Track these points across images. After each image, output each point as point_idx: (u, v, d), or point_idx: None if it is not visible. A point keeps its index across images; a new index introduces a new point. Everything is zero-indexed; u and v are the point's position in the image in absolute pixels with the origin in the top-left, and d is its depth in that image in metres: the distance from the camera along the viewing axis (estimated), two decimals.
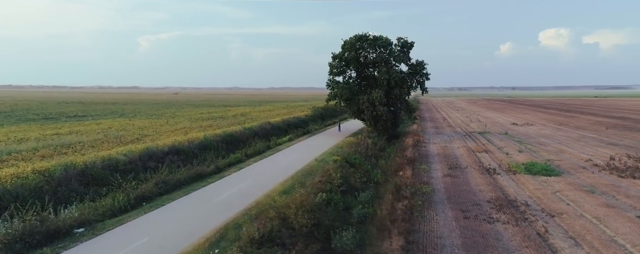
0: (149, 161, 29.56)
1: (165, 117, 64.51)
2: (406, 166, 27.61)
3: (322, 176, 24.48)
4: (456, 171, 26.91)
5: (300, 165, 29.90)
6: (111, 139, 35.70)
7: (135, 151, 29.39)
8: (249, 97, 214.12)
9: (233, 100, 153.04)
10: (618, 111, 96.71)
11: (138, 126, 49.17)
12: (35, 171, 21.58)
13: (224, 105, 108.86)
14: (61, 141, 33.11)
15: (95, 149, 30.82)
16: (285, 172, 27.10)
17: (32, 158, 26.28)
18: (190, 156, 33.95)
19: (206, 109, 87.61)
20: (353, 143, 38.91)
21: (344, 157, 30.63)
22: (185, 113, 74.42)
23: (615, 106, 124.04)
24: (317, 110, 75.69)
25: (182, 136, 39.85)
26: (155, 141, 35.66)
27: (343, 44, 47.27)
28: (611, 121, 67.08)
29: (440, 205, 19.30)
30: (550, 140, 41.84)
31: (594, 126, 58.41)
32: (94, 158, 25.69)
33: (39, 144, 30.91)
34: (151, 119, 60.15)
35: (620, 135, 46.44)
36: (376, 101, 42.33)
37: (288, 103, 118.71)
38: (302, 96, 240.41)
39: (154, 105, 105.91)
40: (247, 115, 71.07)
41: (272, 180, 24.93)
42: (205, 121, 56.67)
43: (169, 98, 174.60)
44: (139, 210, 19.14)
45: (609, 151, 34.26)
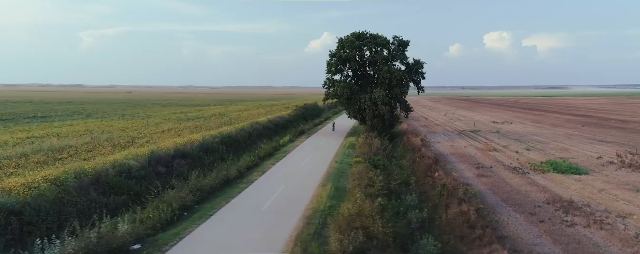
0: (158, 166, 27.20)
1: (139, 117, 60.27)
2: (434, 166, 27.04)
3: (360, 179, 23.31)
4: (485, 171, 26.69)
5: (322, 167, 28.51)
6: (102, 143, 32.33)
7: (140, 155, 26.78)
8: (214, 96, 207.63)
9: (199, 99, 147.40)
10: (575, 109, 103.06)
11: (118, 127, 45.31)
12: (46, 179, 18.86)
13: (193, 105, 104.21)
14: (46, 146, 29.42)
15: (92, 153, 27.68)
16: (314, 176, 25.64)
17: (28, 165, 23.03)
18: (196, 159, 31.63)
19: (177, 109, 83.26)
20: (359, 144, 37.98)
21: (365, 159, 29.65)
22: (159, 113, 70.12)
23: (568, 105, 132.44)
24: (298, 109, 74.10)
25: (177, 138, 37.09)
26: (152, 144, 32.83)
27: (339, 42, 46.30)
28: (578, 119, 71.05)
29: (501, 208, 18.76)
30: (543, 138, 43.19)
31: (568, 124, 61.45)
32: (103, 164, 23.01)
33: (25, 150, 27.23)
34: (126, 120, 55.86)
35: (599, 132, 48.99)
36: (379, 100, 41.68)
37: (260, 103, 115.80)
38: (267, 95, 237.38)
39: (116, 105, 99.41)
40: (226, 115, 68.13)
41: (307, 184, 23.41)
42: (188, 122, 53.45)
43: (127, 98, 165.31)
44: (186, 222, 17.04)
45: (605, 148, 35.75)
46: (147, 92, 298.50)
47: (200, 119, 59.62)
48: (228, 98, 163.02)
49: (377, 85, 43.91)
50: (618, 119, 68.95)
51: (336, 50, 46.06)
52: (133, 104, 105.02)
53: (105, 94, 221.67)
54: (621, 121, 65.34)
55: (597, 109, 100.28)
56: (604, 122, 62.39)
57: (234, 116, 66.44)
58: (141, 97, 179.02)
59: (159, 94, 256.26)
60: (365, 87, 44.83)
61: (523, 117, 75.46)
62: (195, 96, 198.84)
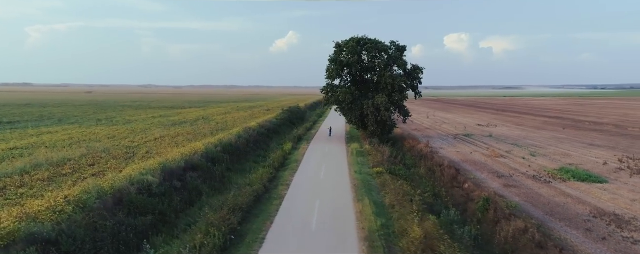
0: (172, 180, 25.53)
1: (118, 122, 56.77)
2: (459, 176, 26.90)
3: (396, 193, 22.69)
4: (508, 180, 26.79)
5: (343, 178, 27.65)
6: (100, 154, 29.83)
7: (152, 169, 24.99)
8: (182, 96, 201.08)
9: (170, 100, 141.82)
10: (542, 110, 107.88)
11: (103, 135, 42.30)
12: (67, 201, 17.10)
13: (167, 107, 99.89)
14: (41, 159, 26.68)
15: (96, 168, 25.44)
16: (341, 188, 24.75)
17: (33, 183, 20.85)
18: (205, 171, 30.02)
19: (154, 112, 79.44)
20: (367, 151, 37.43)
21: (386, 169, 29.13)
22: (136, 117, 66.47)
23: (531, 105, 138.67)
24: (284, 112, 72.72)
25: (176, 147, 35.13)
26: (154, 154, 30.79)
27: (336, 46, 45.66)
28: (552, 120, 74.24)
29: (551, 223, 18.66)
30: (536, 142, 44.44)
31: (548, 125, 63.92)
32: (120, 181, 21.23)
33: (20, 164, 24.53)
34: (106, 125, 52.39)
35: (582, 135, 51.15)
36: (381, 105, 41.33)
37: (237, 104, 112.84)
38: (237, 95, 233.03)
39: (82, 107, 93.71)
40: (209, 118, 65.67)
41: (341, 198, 22.48)
42: (176, 127, 50.88)
43: (89, 98, 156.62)
44: (240, 248, 15.71)
45: (601, 152, 37.17)
46: (107, 92, 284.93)
47: (184, 123, 57.03)
48: (200, 99, 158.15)
49: (378, 90, 43.58)
50: (589, 120, 72.59)
51: (334, 55, 45.40)
52: (100, 105, 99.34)
53: (61, 94, 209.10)
54: (593, 122, 68.81)
55: (562, 110, 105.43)
56: (579, 124, 65.42)
57: (218, 119, 64.16)
58: (103, 97, 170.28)
59: (120, 93, 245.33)
60: (366, 92, 44.37)
61: (501, 118, 77.85)
62: (164, 96, 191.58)
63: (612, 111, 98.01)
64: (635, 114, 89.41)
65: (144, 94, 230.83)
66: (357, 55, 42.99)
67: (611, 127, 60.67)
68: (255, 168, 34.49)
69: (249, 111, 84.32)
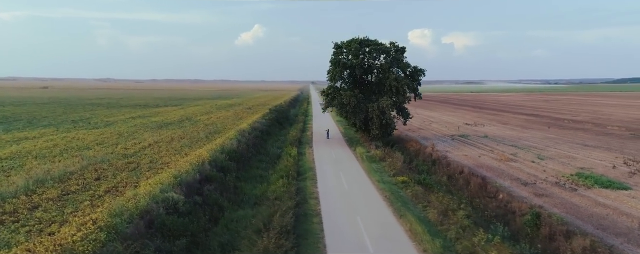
0: (193, 195, 23.71)
1: (97, 124, 52.92)
2: (487, 185, 26.44)
3: (437, 208, 21.82)
4: (535, 188, 26.54)
5: (368, 189, 26.55)
6: (100, 166, 27.13)
7: (166, 182, 23.10)
8: (150, 92, 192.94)
9: (138, 97, 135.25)
10: (514, 107, 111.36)
11: (90, 140, 39.01)
12: (99, 226, 15.30)
13: (140, 105, 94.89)
14: (40, 173, 23.77)
15: (104, 182, 23.01)
16: (373, 201, 23.67)
17: (45, 205, 18.58)
18: (219, 182, 28.16)
19: (129, 111, 75.09)
20: (379, 156, 36.44)
21: (410, 178, 28.32)
22: (113, 117, 62.39)
23: (501, 101, 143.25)
24: (272, 113, 70.71)
25: (177, 155, 32.92)
26: (159, 164, 28.53)
27: (336, 46, 44.55)
28: (532, 118, 76.47)
29: (609, 239, 18.33)
30: (533, 143, 45.10)
31: (532, 124, 65.60)
32: (144, 199, 19.35)
33: (20, 181, 21.72)
34: (85, 129, 48.57)
35: (570, 135, 52.64)
36: (386, 108, 40.55)
37: (215, 102, 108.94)
38: (210, 92, 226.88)
39: (45, 105, 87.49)
40: (193, 119, 62.69)
41: (379, 214, 21.40)
42: (163, 131, 47.94)
43: (51, 95, 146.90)
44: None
45: (602, 154, 38.06)
46: (65, 87, 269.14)
47: (170, 125, 54.03)
48: (171, 95, 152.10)
49: (381, 92, 42.83)
50: (566, 118, 75.32)
51: (334, 56, 44.29)
52: (66, 104, 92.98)
53: (15, 90, 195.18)
54: (571, 120, 71.39)
55: (534, 107, 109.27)
56: (560, 123, 67.61)
57: (204, 120, 61.36)
58: (64, 93, 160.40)
59: (80, 89, 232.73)
60: (369, 95, 43.42)
61: (484, 117, 79.37)
62: (130, 93, 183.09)
63: (580, 108, 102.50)
64: (602, 110, 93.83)
65: (107, 90, 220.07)
66: (360, 56, 41.90)
67: (591, 126, 62.99)
68: (266, 177, 32.84)
69: (230, 110, 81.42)
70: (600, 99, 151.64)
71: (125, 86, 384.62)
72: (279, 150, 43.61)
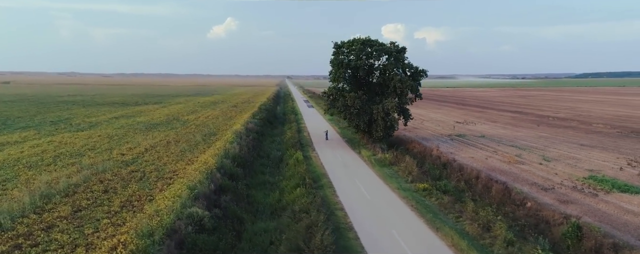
0: (213, 208, 22.44)
1: (80, 126, 49.81)
2: (511, 192, 26.05)
3: (472, 219, 21.20)
4: (555, 194, 26.32)
5: (391, 197, 25.69)
6: (104, 176, 25.05)
7: (183, 195, 21.69)
8: (123, 88, 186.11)
9: (113, 94, 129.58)
10: (496, 103, 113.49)
11: (79, 145, 36.46)
12: (129, 250, 13.92)
13: (117, 102, 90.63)
14: (42, 187, 21.55)
15: (114, 196, 21.17)
16: (402, 212, 22.79)
17: (60, 224, 16.83)
18: (235, 193, 26.78)
19: (109, 111, 71.50)
20: (386, 160, 35.62)
21: (431, 185, 27.68)
22: (95, 118, 59.03)
23: (477, 97, 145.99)
24: (262, 112, 68.93)
25: (180, 161, 31.19)
26: (166, 173, 26.78)
27: (336, 46, 43.54)
28: (517, 115, 77.85)
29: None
30: (531, 142, 45.45)
31: (520, 122, 66.58)
32: (167, 215, 17.93)
33: (31, 199, 19.60)
34: (67, 131, 45.51)
35: (561, 133, 53.55)
36: (391, 110, 39.83)
37: (196, 99, 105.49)
38: (187, 88, 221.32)
39: (18, 105, 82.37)
40: (180, 119, 60.20)
41: (414, 226, 20.61)
42: (154, 133, 45.58)
43: (15, 91, 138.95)
44: None
45: (600, 154, 38.69)
46: (28, 82, 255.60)
47: (158, 126, 51.61)
48: (148, 92, 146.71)
49: (384, 93, 42.13)
50: (550, 115, 77.13)
51: (334, 57, 43.35)
52: (37, 102, 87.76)
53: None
54: (556, 118, 73.13)
55: (514, 103, 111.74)
56: (547, 121, 69.00)
57: (191, 120, 59.07)
58: (30, 89, 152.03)
59: (46, 84, 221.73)
60: (372, 96, 42.56)
61: (472, 114, 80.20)
62: (101, 88, 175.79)
63: (558, 105, 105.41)
64: (580, 107, 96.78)
65: (77, 86, 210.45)
66: (363, 57, 40.98)
67: (577, 123, 64.56)
68: (274, 183, 31.54)
69: (216, 108, 78.89)
70: (572, 94, 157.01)
71: (93, 80, 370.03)
72: (279, 152, 42.21)
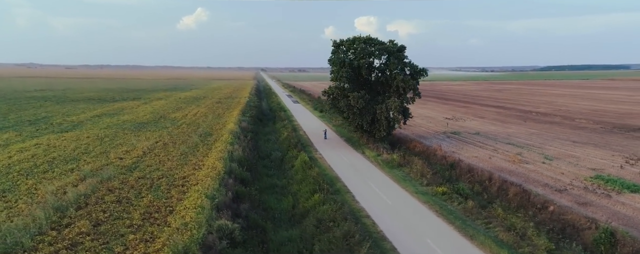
0: (236, 218, 21.53)
1: (66, 127, 46.93)
2: (528, 194, 26.14)
3: (505, 227, 21.06)
4: (571, 195, 26.66)
5: (411, 202, 25.30)
6: (113, 185, 23.37)
7: (204, 205, 20.74)
8: (92, 82, 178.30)
9: (83, 89, 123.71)
10: (477, 98, 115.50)
11: (70, 148, 34.22)
12: None
13: (92, 98, 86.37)
14: (53, 200, 19.77)
15: (129, 207, 19.65)
16: (429, 218, 22.43)
17: (84, 242, 15.51)
18: (250, 200, 25.81)
19: (88, 108, 68.06)
20: (394, 161, 35.21)
21: (449, 188, 27.48)
22: (76, 117, 55.86)
23: (455, 91, 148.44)
24: (251, 109, 67.30)
25: (186, 166, 29.82)
26: (177, 179, 25.44)
27: (335, 45, 42.82)
28: (502, 110, 79.44)
29: None
30: (525, 140, 46.11)
31: (506, 117, 67.82)
32: (195, 229, 17.04)
33: (46, 213, 17.91)
34: (49, 132, 42.76)
35: (549, 129, 54.88)
36: (394, 109, 39.47)
37: (178, 95, 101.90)
38: (162, 81, 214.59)
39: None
40: (167, 117, 57.88)
41: (447, 235, 20.33)
42: (146, 133, 43.51)
43: None
44: None
45: (594, 151, 39.64)
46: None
47: (147, 125, 49.46)
48: (121, 87, 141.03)
49: (387, 93, 41.79)
50: (531, 110, 79.15)
51: (334, 55, 42.71)
52: (5, 98, 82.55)
53: None
54: (538, 113, 75.06)
55: (493, 97, 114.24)
56: (531, 116, 70.65)
57: (178, 118, 57.00)
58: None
59: (6, 78, 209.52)
60: (374, 95, 42.03)
61: (458, 110, 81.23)
62: (69, 82, 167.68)
63: (535, 99, 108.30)
64: (556, 101, 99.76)
65: (43, 79, 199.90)
66: (366, 57, 40.37)
67: (560, 119, 66.39)
68: (284, 187, 30.71)
69: (201, 105, 76.42)
70: (544, 88, 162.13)
71: (56, 72, 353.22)
72: (279, 153, 41.21)
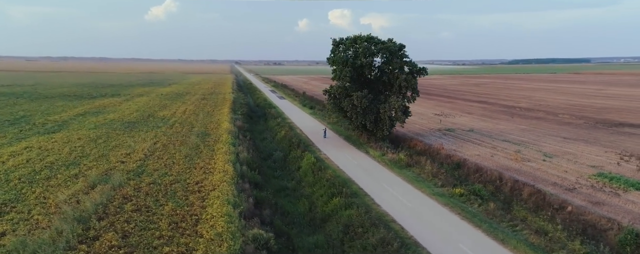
0: (266, 226, 21.02)
1: (49, 128, 44.45)
2: (544, 195, 26.57)
3: (535, 232, 21.28)
4: (581, 195, 27.23)
5: (432, 204, 25.24)
6: (126, 192, 22.15)
7: (231, 214, 20.19)
8: (60, 76, 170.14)
9: (58, 83, 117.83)
10: (457, 92, 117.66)
11: (66, 152, 32.42)
12: None
13: (66, 95, 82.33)
14: (66, 211, 18.44)
15: (151, 215, 18.66)
16: (454, 222, 22.41)
17: None
18: (269, 205, 25.20)
19: (67, 106, 64.83)
20: (401, 161, 35.13)
21: (466, 190, 27.67)
22: (58, 116, 53.05)
23: (434, 85, 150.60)
24: (242, 107, 65.86)
25: (195, 170, 28.84)
26: (190, 184, 24.50)
27: (335, 43, 42.34)
28: (486, 106, 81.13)
29: None
30: (520, 137, 46.97)
31: (494, 113, 69.05)
32: (232, 240, 16.58)
33: (73, 226, 16.63)
34: (36, 133, 40.39)
35: (539, 125, 56.18)
36: (398, 109, 39.41)
37: (158, 90, 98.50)
38: (137, 76, 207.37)
39: None
40: (155, 116, 55.89)
41: (481, 242, 20.20)
42: (139, 132, 41.75)
43: None
44: None
45: (587, 148, 40.83)
46: None
47: (136, 125, 47.68)
48: (96, 81, 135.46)
49: (389, 92, 41.69)
50: (514, 105, 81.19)
51: (334, 55, 42.24)
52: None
53: None
54: (521, 108, 77.09)
55: (473, 92, 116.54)
56: (515, 111, 72.31)
57: (167, 116, 55.26)
58: None
59: None
60: (376, 94, 41.79)
61: (444, 105, 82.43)
62: (39, 76, 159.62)
63: (514, 93, 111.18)
64: (534, 96, 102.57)
65: (5, 73, 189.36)
66: (369, 56, 40.09)
67: (544, 114, 68.25)
68: (295, 189, 30.23)
69: (186, 101, 74.13)
70: (518, 82, 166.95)
71: (17, 65, 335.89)
72: (280, 153, 40.50)
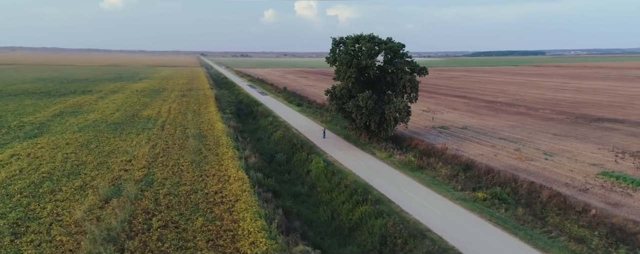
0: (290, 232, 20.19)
1: (30, 132, 41.05)
2: (565, 197, 26.92)
3: (572, 239, 21.44)
4: (596, 196, 27.73)
5: (461, 213, 24.97)
6: (144, 206, 20.49)
7: (269, 229, 19.32)
8: (22, 69, 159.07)
9: (18, 78, 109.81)
10: (436, 87, 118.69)
11: (59, 159, 29.96)
12: None
13: (36, 93, 76.90)
14: (83, 225, 16.69)
15: (181, 232, 17.34)
16: (490, 232, 22.25)
17: None
18: (289, 213, 24.31)
19: (40, 104, 60.40)
20: (411, 163, 34.83)
21: (488, 194, 27.71)
22: (34, 118, 49.15)
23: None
24: (229, 105, 63.63)
25: (208, 178, 27.47)
26: (211, 195, 23.21)
27: (335, 43, 41.73)
28: (468, 101, 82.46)
29: None
30: (513, 134, 47.61)
31: (479, 109, 70.06)
32: None
33: (106, 249, 15.01)
34: (21, 139, 37.17)
35: (524, 121, 57.63)
36: (403, 109, 39.12)
37: (132, 86, 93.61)
38: (102, 68, 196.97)
39: None
40: (140, 116, 53.02)
41: (520, 252, 20.17)
42: (129, 135, 39.33)
43: None
44: None
45: (581, 145, 41.85)
46: None
47: (123, 126, 45.38)
48: (58, 76, 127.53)
49: (393, 92, 41.31)
50: (492, 100, 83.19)
51: (334, 54, 41.32)
52: None
53: None
54: (501, 103, 79.05)
55: (450, 86, 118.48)
56: (496, 106, 74.02)
57: (152, 116, 52.80)
58: None
59: None
60: (379, 95, 41.27)
61: (425, 100, 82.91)
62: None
63: (488, 87, 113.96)
64: (508, 90, 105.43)
65: None
66: (373, 56, 39.45)
67: (524, 109, 70.01)
68: (309, 195, 29.37)
69: (166, 99, 70.85)
70: (488, 76, 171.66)
71: None
72: (281, 155, 39.33)
